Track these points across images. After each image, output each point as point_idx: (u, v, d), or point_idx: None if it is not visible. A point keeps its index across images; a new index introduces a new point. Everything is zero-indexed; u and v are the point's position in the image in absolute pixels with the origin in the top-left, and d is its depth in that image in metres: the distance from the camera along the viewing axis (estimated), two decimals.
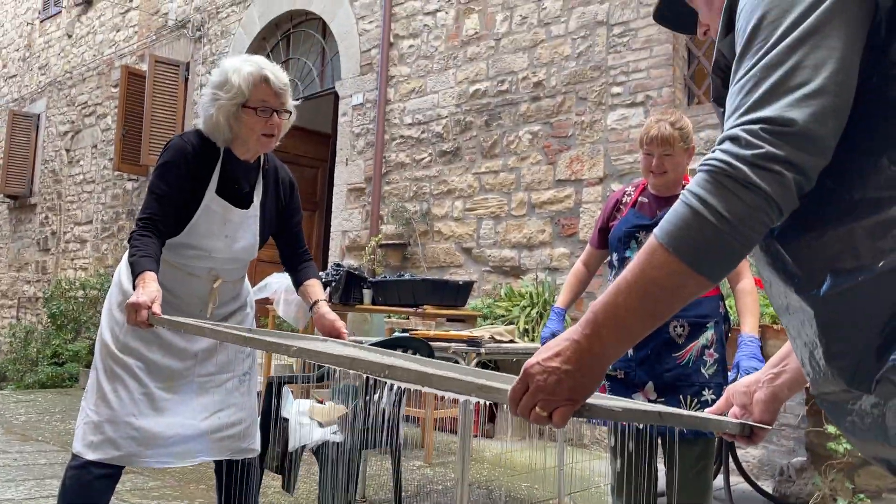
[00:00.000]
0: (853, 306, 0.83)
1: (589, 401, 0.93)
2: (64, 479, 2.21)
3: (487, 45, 6.40)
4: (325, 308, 2.32)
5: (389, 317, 5.71)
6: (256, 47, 8.40)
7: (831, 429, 3.32)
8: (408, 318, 5.41)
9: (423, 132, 6.80)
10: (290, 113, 2.29)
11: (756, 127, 0.82)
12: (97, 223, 10.42)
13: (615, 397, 1.24)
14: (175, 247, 2.23)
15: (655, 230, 0.89)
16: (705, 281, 0.86)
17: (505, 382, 0.97)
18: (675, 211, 0.87)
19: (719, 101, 1.00)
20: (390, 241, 6.80)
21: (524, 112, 6.08)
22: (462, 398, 1.00)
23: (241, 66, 2.20)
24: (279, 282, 5.88)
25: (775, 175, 0.81)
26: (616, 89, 5.53)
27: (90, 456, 2.17)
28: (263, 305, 5.83)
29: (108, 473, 2.21)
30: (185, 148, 2.20)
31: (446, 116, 6.63)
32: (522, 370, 0.93)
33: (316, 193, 9.24)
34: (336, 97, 7.82)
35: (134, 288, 2.02)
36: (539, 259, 5.86)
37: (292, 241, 2.46)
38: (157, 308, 1.94)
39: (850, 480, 3.62)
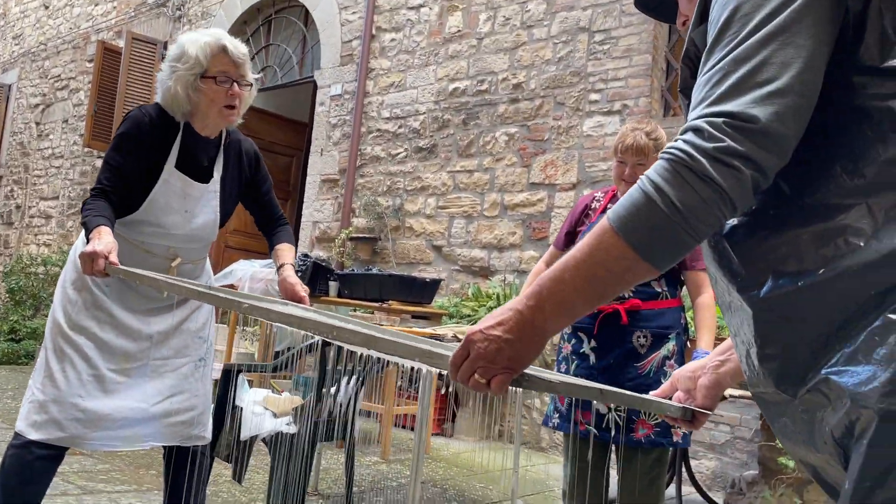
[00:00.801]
0: (790, 311, 0.83)
1: (529, 372, 0.95)
2: (4, 457, 2.15)
3: (469, 43, 6.39)
4: (288, 272, 2.31)
5: (355, 310, 5.66)
6: (237, 31, 8.29)
7: (781, 444, 3.35)
8: (373, 313, 5.37)
9: (400, 127, 6.76)
10: (251, 85, 2.25)
11: (719, 120, 0.82)
12: (63, 199, 10.22)
13: (555, 373, 1.25)
14: (133, 223, 2.19)
15: (609, 212, 0.89)
16: (651, 268, 0.87)
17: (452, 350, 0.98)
18: (630, 195, 0.87)
19: (685, 91, 1.00)
20: (361, 235, 6.76)
21: (502, 113, 6.08)
22: (423, 368, 0.99)
23: (199, 37, 2.17)
24: (244, 269, 5.81)
25: (733, 171, 0.81)
26: (594, 96, 5.55)
27: (33, 436, 2.11)
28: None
29: (51, 454, 2.15)
30: (142, 119, 2.16)
31: (424, 113, 6.60)
32: (465, 337, 0.95)
33: (289, 182, 9.15)
34: (314, 86, 7.75)
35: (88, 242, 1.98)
36: (508, 261, 5.86)
37: (265, 209, 2.48)
38: (114, 258, 1.92)
39: (799, 496, 3.66)
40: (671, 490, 3.63)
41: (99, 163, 9.83)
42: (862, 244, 0.79)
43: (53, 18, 11.25)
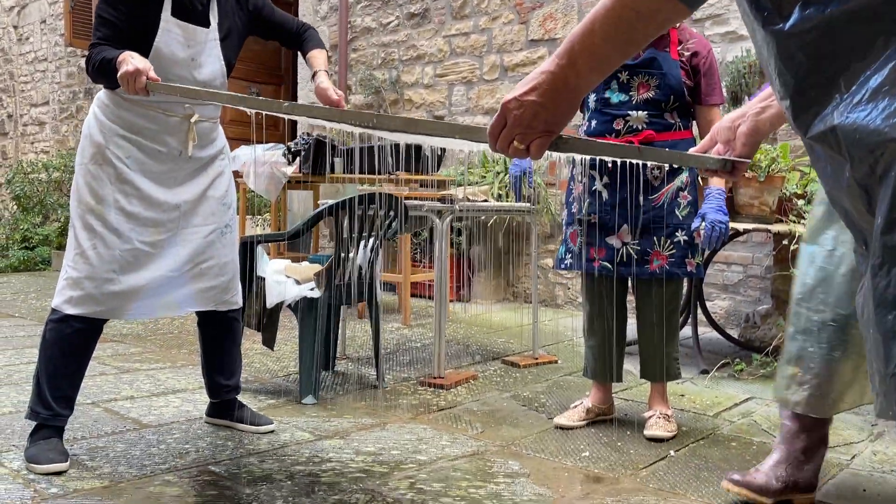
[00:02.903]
0: (814, 43, 0.81)
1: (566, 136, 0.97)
2: (44, 332, 2.21)
3: None
4: (321, 78, 2.31)
5: (363, 185, 5.66)
6: None
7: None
8: (381, 186, 5.36)
9: None
10: None
11: None
12: (54, 104, 10.02)
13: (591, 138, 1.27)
14: None
15: None
16: (680, 5, 0.85)
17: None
18: None
19: None
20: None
21: None
22: (465, 146, 1.01)
23: None
24: (248, 154, 5.77)
25: None
26: None
27: (71, 311, 2.16)
28: (234, 179, 5.73)
29: (90, 327, 2.21)
30: None
31: None
32: (501, 105, 0.96)
33: (280, 66, 8.91)
34: None
35: (116, 71, 1.98)
36: None
37: (281, 29, 2.45)
38: (153, 75, 1.96)
39: None
40: (686, 331, 3.74)
41: (84, 62, 9.56)
42: None
43: None
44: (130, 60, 1.96)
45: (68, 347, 2.19)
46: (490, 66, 5.88)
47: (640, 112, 2.51)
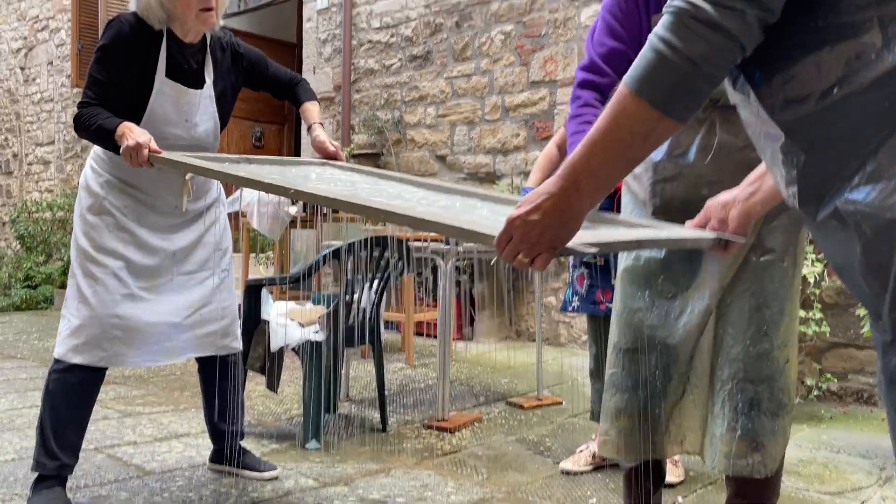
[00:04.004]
0: (806, 135, 0.85)
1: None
2: (47, 383, 2.20)
3: None
4: (317, 131, 2.34)
5: (365, 224, 5.68)
6: None
7: (801, 312, 3.41)
8: (384, 226, 5.38)
9: (391, 36, 6.60)
10: None
11: None
12: (59, 143, 10.12)
13: (591, 233, 1.25)
14: None
15: (625, 77, 0.90)
16: (673, 123, 0.89)
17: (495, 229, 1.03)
18: (643, 56, 0.88)
19: None
20: (363, 152, 6.70)
21: (496, 11, 5.91)
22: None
23: None
24: (252, 194, 5.80)
25: (737, 13, 0.82)
26: None
27: (75, 360, 2.15)
28: (239, 218, 5.77)
29: (93, 376, 2.21)
30: (122, 29, 2.12)
31: (415, 19, 6.43)
32: (506, 221, 0.98)
33: (284, 106, 9.01)
34: (300, 2, 7.52)
35: (114, 141, 2.00)
36: (514, 164, 5.83)
37: (274, 82, 2.47)
38: (154, 146, 1.96)
39: (818, 362, 3.75)
40: None
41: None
42: (874, 57, 0.79)
43: None
44: (130, 135, 1.97)
45: (73, 397, 2.18)
46: (492, 106, 5.95)
47: None
